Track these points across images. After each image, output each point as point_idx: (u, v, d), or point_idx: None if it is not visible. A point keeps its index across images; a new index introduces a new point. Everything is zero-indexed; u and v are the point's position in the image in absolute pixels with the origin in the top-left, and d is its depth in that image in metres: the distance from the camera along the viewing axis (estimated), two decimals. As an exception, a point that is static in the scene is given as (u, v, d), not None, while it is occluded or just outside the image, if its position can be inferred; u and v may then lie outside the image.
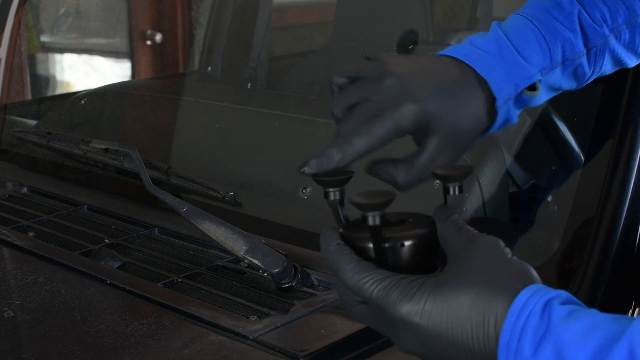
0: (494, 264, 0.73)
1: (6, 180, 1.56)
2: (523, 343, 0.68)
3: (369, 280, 0.75)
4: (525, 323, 0.68)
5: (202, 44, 2.30)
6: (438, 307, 0.72)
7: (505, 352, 0.68)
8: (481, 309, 0.70)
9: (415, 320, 0.72)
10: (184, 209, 1.13)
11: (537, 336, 0.67)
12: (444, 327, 0.71)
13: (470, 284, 0.72)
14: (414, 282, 0.73)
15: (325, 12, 2.37)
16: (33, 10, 2.60)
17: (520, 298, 0.70)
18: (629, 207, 1.07)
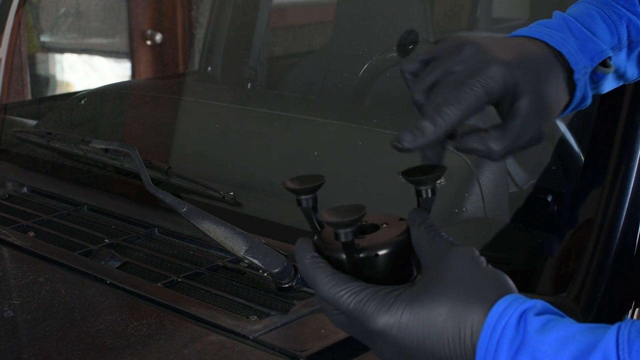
0: (469, 274, 0.72)
1: (6, 180, 1.56)
2: (499, 355, 0.68)
3: (345, 293, 0.74)
4: (501, 335, 0.68)
5: (202, 44, 2.30)
6: (414, 319, 0.71)
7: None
8: (457, 321, 0.70)
9: (392, 332, 0.72)
10: (184, 209, 1.13)
11: (513, 348, 0.67)
12: (421, 339, 0.71)
13: (445, 295, 0.71)
14: (390, 294, 0.73)
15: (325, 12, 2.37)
16: (33, 10, 2.60)
17: (496, 309, 0.69)
18: (629, 207, 1.07)
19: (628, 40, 0.96)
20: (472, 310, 0.70)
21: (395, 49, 1.67)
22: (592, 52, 0.92)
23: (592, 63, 0.91)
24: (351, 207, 0.75)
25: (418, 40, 1.75)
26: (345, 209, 0.75)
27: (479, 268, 0.73)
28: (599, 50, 0.92)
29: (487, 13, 2.59)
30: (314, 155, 1.37)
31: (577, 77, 0.89)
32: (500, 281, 0.72)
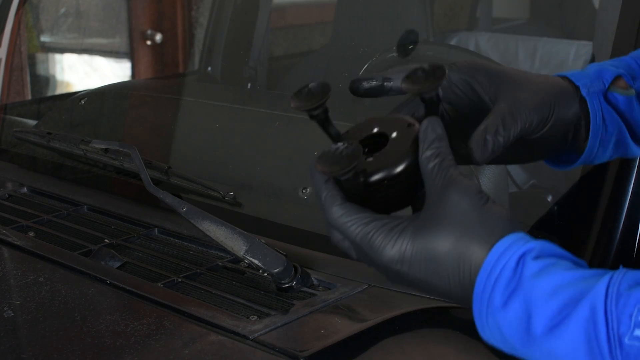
0: (472, 212, 0.74)
1: (6, 180, 1.56)
2: (494, 295, 0.71)
3: (352, 224, 0.77)
4: (498, 276, 0.71)
5: (202, 44, 2.30)
6: (417, 255, 0.75)
7: (479, 300, 0.72)
8: (458, 259, 0.74)
9: (397, 267, 0.76)
10: (184, 209, 1.13)
11: (508, 290, 0.71)
12: (424, 274, 0.75)
13: (448, 232, 0.74)
14: (396, 229, 0.76)
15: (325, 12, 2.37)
16: (33, 10, 2.60)
17: (496, 250, 0.72)
18: (629, 207, 1.07)
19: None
20: (473, 249, 0.73)
21: (395, 49, 1.67)
22: (604, 74, 0.93)
23: (603, 82, 0.92)
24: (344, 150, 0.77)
25: (418, 40, 1.75)
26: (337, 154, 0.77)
27: (482, 206, 0.75)
28: (611, 73, 0.93)
29: (487, 13, 2.60)
30: (314, 156, 1.37)
31: (584, 94, 0.90)
32: (503, 221, 0.74)
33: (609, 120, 0.92)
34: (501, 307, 0.71)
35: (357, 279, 1.11)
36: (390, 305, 1.04)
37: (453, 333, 1.00)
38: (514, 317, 0.70)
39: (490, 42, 2.07)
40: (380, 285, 1.10)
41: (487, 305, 0.72)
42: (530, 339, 0.70)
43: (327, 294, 1.07)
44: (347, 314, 1.04)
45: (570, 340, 0.67)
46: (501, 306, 0.71)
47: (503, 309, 0.71)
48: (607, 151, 0.94)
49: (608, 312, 0.66)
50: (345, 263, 1.16)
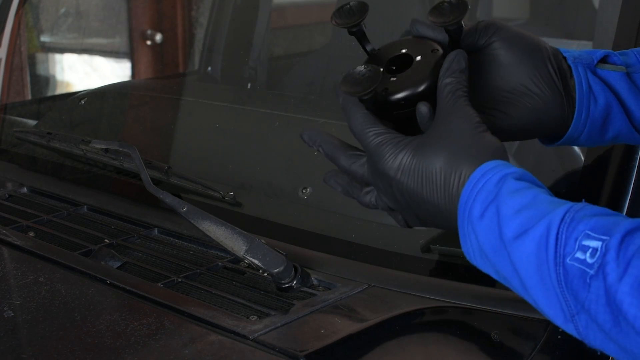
0: (468, 136, 0.84)
1: (6, 180, 1.56)
2: (475, 204, 0.80)
3: (369, 132, 0.88)
4: (480, 189, 0.80)
5: (202, 44, 2.30)
6: (415, 166, 0.85)
7: (463, 210, 0.81)
8: (448, 172, 0.83)
9: (396, 176, 0.86)
10: (184, 209, 1.13)
11: (486, 201, 0.79)
12: (418, 184, 0.85)
13: (444, 149, 0.84)
14: (402, 142, 0.86)
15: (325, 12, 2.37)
16: (33, 10, 2.60)
17: (482, 168, 0.81)
18: (629, 207, 1.07)
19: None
20: (463, 165, 0.83)
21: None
22: (594, 53, 0.96)
23: (589, 57, 0.95)
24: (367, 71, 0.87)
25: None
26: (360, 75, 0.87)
27: (478, 132, 0.84)
28: (601, 52, 0.97)
29: (487, 13, 2.60)
30: (314, 155, 1.37)
31: (570, 63, 0.95)
32: (494, 147, 0.84)
33: (598, 93, 0.94)
34: (479, 217, 0.80)
35: (357, 279, 1.11)
36: (390, 305, 1.04)
37: (453, 333, 1.00)
38: (488, 225, 0.79)
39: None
40: (380, 286, 1.10)
41: (469, 213, 0.81)
42: (499, 245, 0.78)
43: (327, 294, 1.07)
44: (347, 314, 1.04)
45: (527, 252, 0.76)
46: (479, 215, 0.80)
47: (480, 218, 0.80)
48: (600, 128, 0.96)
49: (560, 233, 0.74)
50: (345, 263, 1.16)
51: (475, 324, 1.01)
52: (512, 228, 0.77)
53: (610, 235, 0.72)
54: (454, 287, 1.07)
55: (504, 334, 0.98)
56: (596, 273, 0.71)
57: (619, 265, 0.70)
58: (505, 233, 0.78)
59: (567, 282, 0.73)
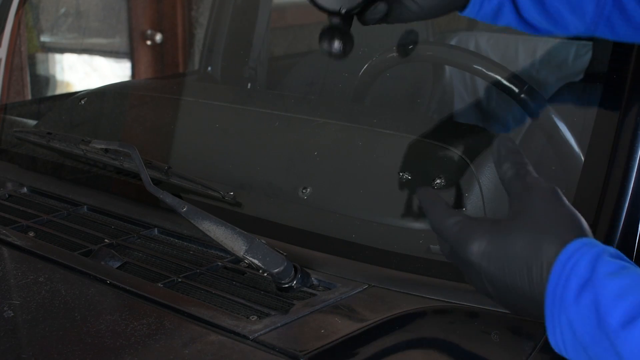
0: (549, 213, 0.80)
1: (6, 180, 1.56)
2: (567, 290, 0.74)
3: (447, 222, 0.86)
4: (570, 271, 0.74)
5: (202, 44, 2.30)
6: (496, 250, 0.80)
7: (552, 296, 0.75)
8: (532, 255, 0.78)
9: (478, 260, 0.82)
10: (184, 209, 1.13)
11: (579, 285, 0.73)
12: (501, 268, 0.80)
13: (525, 230, 0.79)
14: (481, 228, 0.83)
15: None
16: (33, 10, 2.60)
17: (569, 248, 0.76)
18: (629, 207, 1.07)
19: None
20: (547, 246, 0.77)
21: (395, 49, 1.67)
22: None
23: None
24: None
25: (418, 40, 1.75)
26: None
27: (560, 208, 0.81)
28: None
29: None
30: (314, 155, 1.37)
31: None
32: (578, 224, 0.79)
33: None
34: (574, 301, 0.73)
35: (357, 279, 1.11)
36: (390, 305, 1.04)
37: (453, 333, 1.00)
38: (585, 312, 0.72)
39: (490, 42, 2.07)
40: (380, 286, 1.10)
41: (560, 300, 0.74)
42: (600, 334, 0.71)
43: (327, 294, 1.07)
44: (347, 314, 1.04)
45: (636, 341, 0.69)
46: (573, 301, 0.73)
47: (576, 302, 0.73)
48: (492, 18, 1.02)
49: None
50: (345, 263, 1.16)
51: (475, 324, 1.01)
52: (617, 316, 0.70)
53: None
54: (454, 287, 1.07)
55: (504, 334, 0.98)
56: None
57: None
58: (608, 322, 0.71)
59: None
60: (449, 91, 1.65)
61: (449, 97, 1.65)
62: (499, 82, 1.38)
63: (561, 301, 0.74)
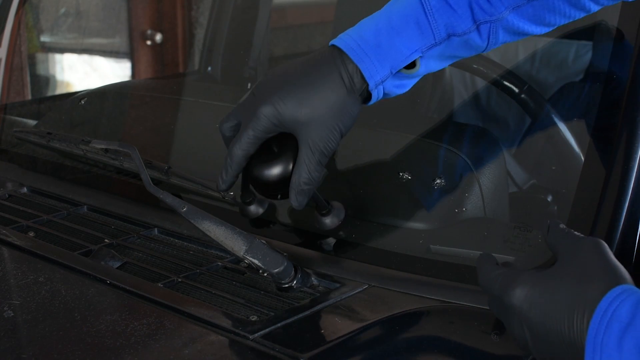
0: (592, 262, 0.82)
1: (6, 180, 1.56)
2: (609, 334, 0.74)
3: (494, 274, 0.88)
4: (612, 316, 0.75)
5: (202, 44, 2.29)
6: (540, 295, 0.82)
7: (593, 341, 0.75)
8: (575, 300, 0.78)
9: (520, 304, 0.83)
10: (184, 209, 1.13)
11: (621, 329, 0.73)
12: (542, 314, 0.81)
13: (569, 277, 0.81)
14: (525, 274, 0.85)
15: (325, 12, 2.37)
16: (33, 10, 2.60)
17: (611, 294, 0.76)
18: (629, 207, 1.07)
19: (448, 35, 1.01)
20: (591, 292, 0.78)
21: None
22: (393, 61, 1.00)
23: (391, 71, 1.01)
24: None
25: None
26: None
27: (604, 257, 0.82)
28: (401, 58, 1.00)
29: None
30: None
31: (372, 88, 1.01)
32: (619, 271, 0.80)
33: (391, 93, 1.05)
34: (616, 346, 0.73)
35: (357, 279, 1.11)
36: (390, 305, 1.04)
37: (453, 333, 1.00)
38: (628, 355, 0.73)
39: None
40: (380, 286, 1.10)
41: (601, 344, 0.74)
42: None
43: (327, 294, 1.07)
44: (347, 314, 1.04)
45: None
46: (616, 345, 0.73)
47: (618, 347, 0.73)
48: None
49: None
50: (345, 263, 1.16)
51: (475, 324, 1.01)
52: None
53: None
54: (454, 287, 1.07)
55: (504, 334, 0.98)
56: None
57: None
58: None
59: None
60: (448, 91, 1.65)
61: (449, 97, 1.65)
62: (499, 82, 1.38)
63: (602, 346, 0.74)
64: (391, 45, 1.00)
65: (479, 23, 1.01)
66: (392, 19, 1.01)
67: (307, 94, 1.00)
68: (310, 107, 1.00)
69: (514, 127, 1.43)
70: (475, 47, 1.04)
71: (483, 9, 1.00)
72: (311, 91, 1.00)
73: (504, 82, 1.37)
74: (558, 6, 1.01)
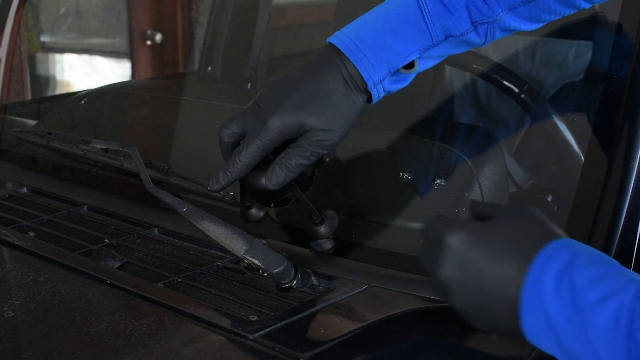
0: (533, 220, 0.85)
1: (6, 180, 1.56)
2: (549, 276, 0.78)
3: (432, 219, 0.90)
4: (552, 260, 0.79)
5: (202, 44, 2.29)
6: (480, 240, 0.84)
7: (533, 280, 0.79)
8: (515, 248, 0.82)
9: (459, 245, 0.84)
10: (184, 209, 1.13)
11: (560, 271, 0.78)
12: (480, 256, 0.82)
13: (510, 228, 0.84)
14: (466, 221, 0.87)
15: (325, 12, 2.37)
16: (33, 10, 2.60)
17: (552, 244, 0.80)
18: (629, 207, 1.07)
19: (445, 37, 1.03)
20: (530, 242, 0.81)
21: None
22: (392, 61, 1.02)
23: (390, 71, 1.02)
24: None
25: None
26: None
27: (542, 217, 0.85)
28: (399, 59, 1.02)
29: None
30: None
31: (370, 88, 1.03)
32: (558, 229, 0.84)
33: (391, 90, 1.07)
34: (554, 285, 0.78)
35: (357, 279, 1.11)
36: (390, 305, 1.04)
37: (453, 333, 1.00)
38: (561, 297, 0.77)
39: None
40: (380, 286, 1.10)
41: (541, 284, 0.78)
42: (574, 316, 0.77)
43: (327, 294, 1.07)
44: (347, 314, 1.04)
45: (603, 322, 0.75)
46: (554, 284, 0.78)
47: (553, 290, 0.78)
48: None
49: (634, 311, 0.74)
50: (345, 263, 1.16)
51: (475, 324, 1.01)
52: (589, 297, 0.76)
53: None
54: (454, 287, 1.07)
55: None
56: None
57: None
58: (580, 303, 0.77)
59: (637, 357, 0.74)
60: (449, 91, 1.65)
61: (449, 97, 1.65)
62: (499, 82, 1.38)
63: (541, 284, 0.78)
64: (389, 46, 1.02)
65: (477, 24, 1.03)
66: (389, 20, 1.03)
67: (312, 99, 1.02)
68: (317, 113, 1.02)
69: (514, 127, 1.43)
70: (472, 44, 1.07)
71: (480, 11, 1.02)
72: (316, 96, 1.02)
73: (504, 82, 1.37)
74: (552, 6, 1.04)
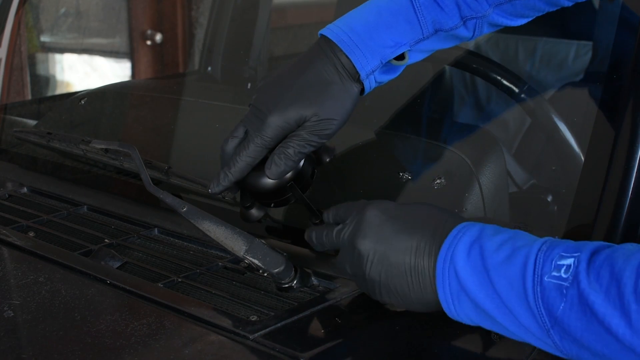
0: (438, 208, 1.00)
1: (6, 180, 1.56)
2: (461, 245, 0.91)
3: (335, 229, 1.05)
4: (463, 233, 0.92)
5: (202, 44, 2.29)
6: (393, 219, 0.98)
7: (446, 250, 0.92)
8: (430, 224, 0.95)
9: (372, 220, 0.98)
10: (184, 209, 1.13)
11: (470, 242, 0.91)
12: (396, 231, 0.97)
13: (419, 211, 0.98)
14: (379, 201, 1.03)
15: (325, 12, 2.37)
16: (33, 10, 2.60)
17: (462, 225, 0.94)
18: (629, 207, 1.07)
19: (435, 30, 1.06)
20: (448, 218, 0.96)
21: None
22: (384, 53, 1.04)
23: (381, 62, 1.04)
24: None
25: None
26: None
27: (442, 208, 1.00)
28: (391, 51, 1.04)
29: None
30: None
31: (363, 78, 1.04)
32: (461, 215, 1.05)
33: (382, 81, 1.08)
34: (466, 253, 0.90)
35: (357, 279, 1.11)
36: (390, 306, 1.04)
37: (452, 333, 1.00)
38: (472, 262, 0.89)
39: (490, 42, 2.07)
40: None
41: (453, 252, 0.91)
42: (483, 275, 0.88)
43: (327, 294, 1.07)
44: (347, 314, 1.04)
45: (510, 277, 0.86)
46: (466, 252, 0.90)
47: (467, 254, 0.90)
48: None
49: (537, 258, 0.85)
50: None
51: (475, 324, 1.01)
52: (496, 258, 0.88)
53: (581, 251, 0.84)
54: (454, 287, 1.07)
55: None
56: (571, 284, 0.82)
57: (590, 273, 0.81)
58: (489, 263, 0.88)
59: (543, 298, 0.83)
60: (449, 91, 1.65)
61: (449, 97, 1.65)
62: (499, 82, 1.38)
63: (454, 252, 0.91)
64: (381, 38, 1.04)
65: (466, 19, 1.06)
66: (382, 13, 1.05)
67: (309, 91, 1.03)
68: (315, 104, 1.03)
69: (514, 127, 1.43)
70: (461, 38, 1.09)
71: (470, 6, 1.05)
72: (312, 88, 1.03)
73: (504, 82, 1.37)
74: (536, 4, 1.08)
